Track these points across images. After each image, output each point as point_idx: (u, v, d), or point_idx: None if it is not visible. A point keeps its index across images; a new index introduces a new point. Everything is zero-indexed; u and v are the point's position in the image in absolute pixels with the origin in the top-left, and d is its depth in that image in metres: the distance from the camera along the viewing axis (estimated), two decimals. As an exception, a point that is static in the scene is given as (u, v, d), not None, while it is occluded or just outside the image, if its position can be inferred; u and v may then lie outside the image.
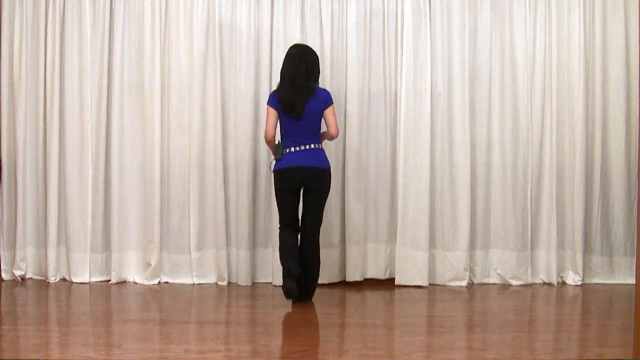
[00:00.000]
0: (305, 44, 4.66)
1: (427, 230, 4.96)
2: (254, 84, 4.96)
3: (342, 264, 5.03)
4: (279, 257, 4.37)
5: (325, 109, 4.33)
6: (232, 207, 5.00)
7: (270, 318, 4.08)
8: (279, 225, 4.46)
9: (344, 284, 5.00)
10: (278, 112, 4.32)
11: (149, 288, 4.89)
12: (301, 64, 4.30)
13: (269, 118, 4.36)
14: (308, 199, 4.38)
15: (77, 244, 4.98)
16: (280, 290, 4.74)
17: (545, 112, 5.05)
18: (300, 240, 4.40)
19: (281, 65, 4.39)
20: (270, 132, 4.35)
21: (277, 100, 4.31)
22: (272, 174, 4.44)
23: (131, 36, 5.00)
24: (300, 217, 4.44)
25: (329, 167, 4.38)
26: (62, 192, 5.01)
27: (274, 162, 4.42)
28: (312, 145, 4.32)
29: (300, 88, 4.27)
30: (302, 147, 4.30)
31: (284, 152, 4.32)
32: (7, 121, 5.02)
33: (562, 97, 5.05)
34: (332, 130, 4.35)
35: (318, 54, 4.63)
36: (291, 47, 4.44)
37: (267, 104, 4.40)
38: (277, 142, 4.40)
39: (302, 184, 4.33)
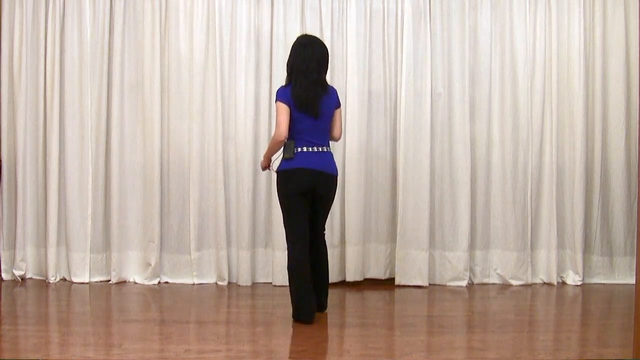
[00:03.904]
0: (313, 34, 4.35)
1: (427, 230, 4.97)
2: (254, 84, 4.96)
3: (342, 264, 5.03)
4: (289, 279, 3.93)
5: (336, 108, 3.99)
6: (232, 207, 5.00)
7: (270, 318, 4.07)
8: (288, 241, 3.96)
9: (344, 284, 5.00)
10: (291, 109, 3.84)
11: (149, 288, 4.89)
12: (312, 56, 3.87)
13: (281, 116, 3.81)
14: (318, 208, 4.00)
15: (77, 244, 4.99)
16: (280, 290, 4.75)
17: (545, 112, 5.05)
18: (312, 249, 3.99)
19: (288, 58, 4.01)
20: (285, 133, 3.82)
21: (291, 95, 3.83)
22: (276, 175, 3.99)
23: (131, 36, 5.00)
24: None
25: (337, 173, 4.05)
26: (62, 192, 5.01)
27: (278, 161, 4.00)
28: (325, 149, 3.94)
29: (314, 83, 3.85)
30: (316, 149, 3.89)
31: (296, 151, 3.88)
32: (7, 121, 5.02)
33: (562, 97, 5.05)
34: (338, 133, 4.06)
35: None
36: (300, 37, 4.04)
37: (279, 99, 3.86)
38: (287, 139, 3.92)
39: (311, 189, 3.89)
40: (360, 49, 4.97)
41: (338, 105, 4.03)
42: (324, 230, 4.15)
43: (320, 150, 3.92)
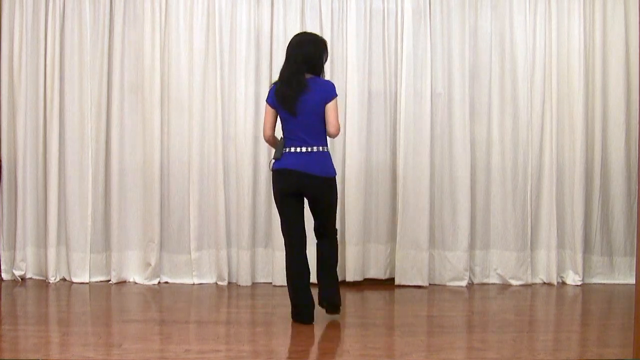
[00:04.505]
0: (312, 33, 4.16)
1: (427, 230, 4.96)
2: (254, 84, 4.97)
3: (342, 264, 5.01)
4: (286, 281, 3.96)
5: (326, 103, 3.80)
6: (232, 207, 5.00)
7: (270, 318, 4.07)
8: (284, 242, 3.96)
9: (344, 284, 4.98)
10: (277, 109, 3.87)
11: (149, 288, 4.89)
12: (291, 56, 3.84)
13: (266, 116, 3.93)
14: (314, 210, 3.95)
15: (77, 244, 4.99)
16: (280, 290, 4.74)
17: (545, 112, 5.05)
18: (318, 247, 4.02)
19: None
20: (267, 132, 3.93)
21: (274, 94, 3.86)
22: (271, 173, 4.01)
23: (131, 36, 5.00)
24: (313, 226, 4.03)
25: (333, 174, 3.90)
26: (62, 192, 5.01)
27: (273, 160, 3.97)
28: (315, 148, 3.82)
29: (288, 82, 3.80)
30: (304, 149, 3.81)
31: (284, 151, 3.86)
32: (7, 121, 5.02)
33: (562, 97, 5.05)
34: (331, 129, 3.81)
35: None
36: (294, 36, 4.00)
37: (266, 100, 3.97)
38: (280, 138, 3.97)
39: (299, 191, 3.87)
40: (360, 49, 4.97)
41: (329, 99, 3.80)
42: (332, 231, 4.01)
43: (309, 150, 3.81)
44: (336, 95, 3.83)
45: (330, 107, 3.80)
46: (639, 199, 4.60)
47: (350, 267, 4.97)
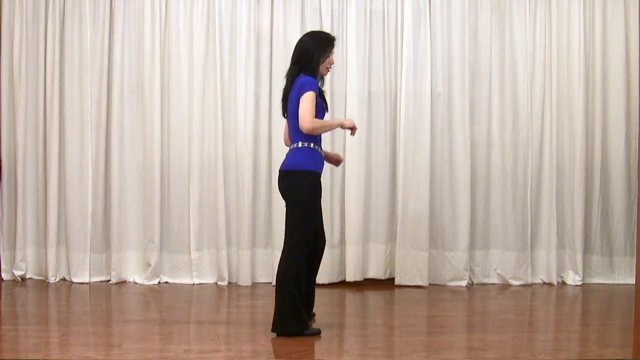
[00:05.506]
0: (315, 30, 4.16)
1: (427, 230, 4.97)
2: (254, 84, 4.97)
3: (342, 264, 5.03)
4: None
5: (299, 100, 3.55)
6: (232, 207, 5.00)
7: (270, 318, 4.06)
8: None
9: (344, 284, 5.00)
10: None
11: (149, 288, 4.90)
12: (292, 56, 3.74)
13: None
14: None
15: (77, 244, 4.99)
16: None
17: (545, 112, 5.05)
18: None
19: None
20: (283, 137, 3.91)
21: None
22: None
23: (131, 36, 5.00)
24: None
25: (298, 167, 3.58)
26: (62, 192, 5.01)
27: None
28: (294, 145, 3.64)
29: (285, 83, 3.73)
30: (290, 149, 3.69)
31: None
32: (7, 121, 5.02)
33: (562, 97, 5.05)
34: (301, 122, 3.49)
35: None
36: None
37: None
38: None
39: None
40: (360, 49, 4.97)
41: (300, 93, 3.53)
42: (288, 240, 3.62)
43: (291, 148, 3.66)
44: (308, 90, 3.51)
45: (301, 100, 3.52)
46: (639, 199, 4.60)
47: (350, 267, 4.97)
